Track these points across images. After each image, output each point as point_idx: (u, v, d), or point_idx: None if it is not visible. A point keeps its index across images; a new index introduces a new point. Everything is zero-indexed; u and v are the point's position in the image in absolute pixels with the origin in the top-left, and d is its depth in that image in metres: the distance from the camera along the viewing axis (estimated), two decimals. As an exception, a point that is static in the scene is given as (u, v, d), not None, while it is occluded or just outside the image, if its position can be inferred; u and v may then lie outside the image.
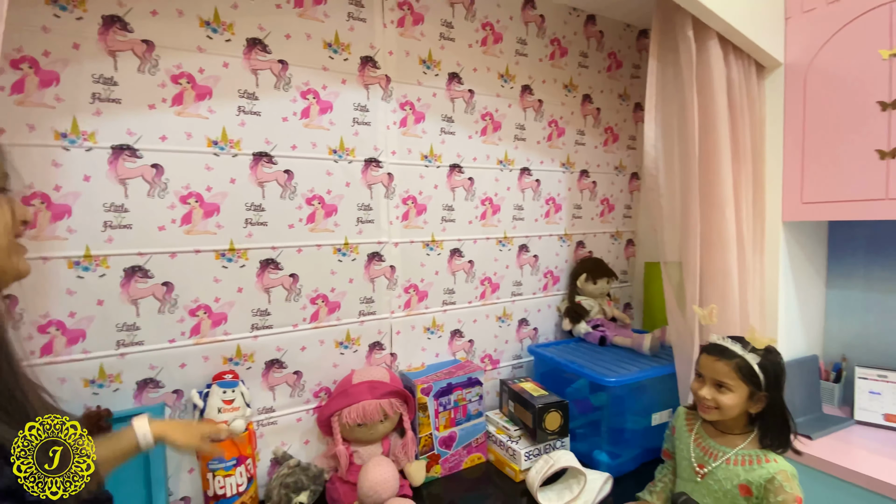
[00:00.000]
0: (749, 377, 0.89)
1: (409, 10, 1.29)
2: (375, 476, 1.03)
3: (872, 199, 1.17)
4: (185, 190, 1.04)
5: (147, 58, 0.99)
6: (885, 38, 1.13)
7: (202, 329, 1.08)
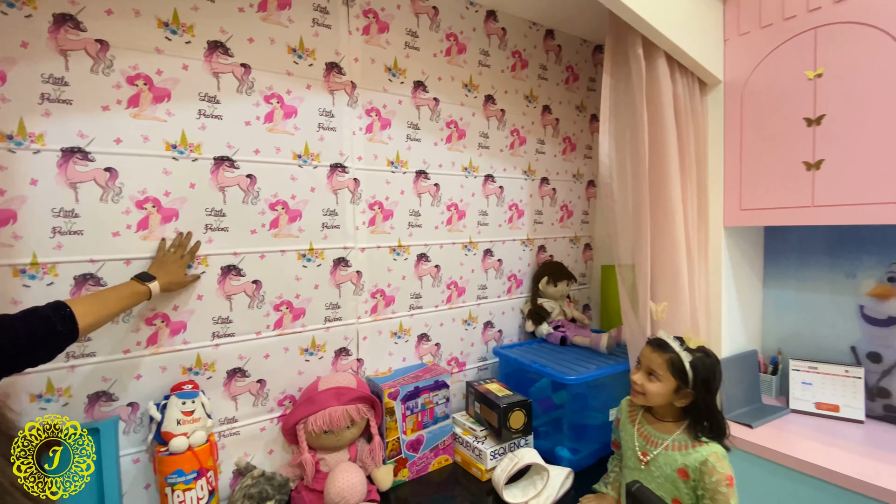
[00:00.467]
0: (678, 372, 0.96)
1: (374, 19, 1.30)
2: (342, 482, 1.03)
3: (800, 206, 1.29)
4: (141, 195, 1.01)
5: (101, 58, 0.96)
6: (810, 60, 1.26)
7: (160, 339, 1.04)
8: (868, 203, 1.17)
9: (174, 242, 1.03)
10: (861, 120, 1.17)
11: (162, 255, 1.01)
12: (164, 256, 1.01)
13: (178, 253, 1.02)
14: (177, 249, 1.02)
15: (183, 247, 1.04)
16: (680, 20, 1.27)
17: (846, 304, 1.45)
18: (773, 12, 1.33)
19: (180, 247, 1.03)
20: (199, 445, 1.01)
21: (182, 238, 1.04)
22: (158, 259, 1.01)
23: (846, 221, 1.21)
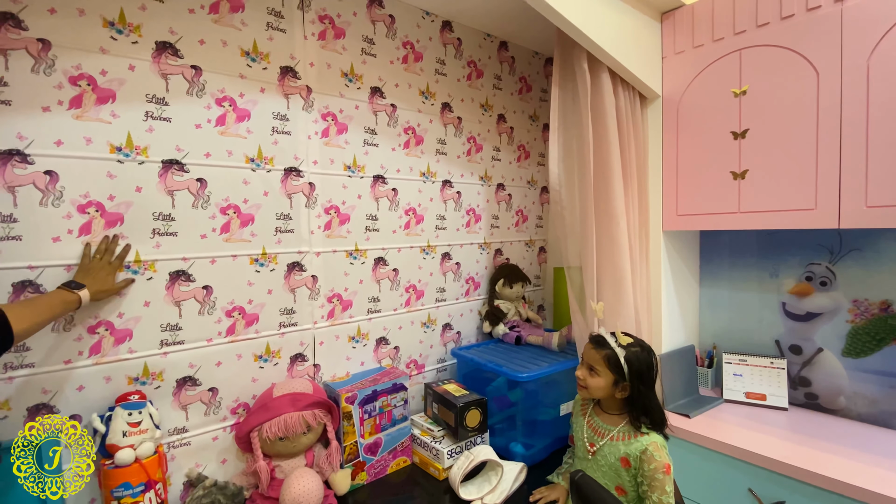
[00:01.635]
0: (615, 367, 1.04)
1: (330, 24, 1.32)
2: (298, 488, 1.03)
3: (729, 212, 1.41)
4: (83, 199, 0.97)
5: (42, 57, 0.92)
6: (736, 79, 1.38)
7: (103, 347, 1.01)
8: (786, 210, 1.29)
9: (100, 248, 0.98)
10: (780, 134, 1.29)
11: (87, 262, 0.96)
12: (89, 263, 0.96)
13: (105, 259, 0.97)
14: (103, 255, 0.97)
15: (110, 252, 0.99)
16: (621, 38, 1.36)
17: (771, 302, 1.59)
18: (704, 33, 1.44)
19: (107, 252, 0.98)
20: (147, 457, 0.98)
21: (108, 242, 0.99)
22: (84, 266, 0.95)
23: (767, 226, 1.33)
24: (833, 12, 1.19)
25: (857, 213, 1.17)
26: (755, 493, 1.23)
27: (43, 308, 0.82)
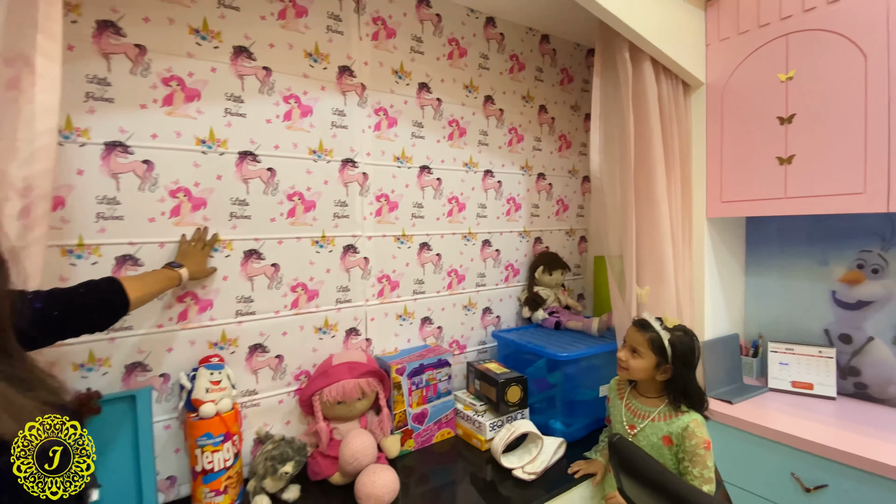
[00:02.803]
0: (658, 349, 1.07)
1: (382, 26, 1.42)
2: (356, 445, 1.14)
3: (775, 198, 1.41)
4: (174, 185, 1.12)
5: (139, 61, 1.07)
6: (782, 64, 1.37)
7: (189, 315, 1.15)
8: (834, 194, 1.28)
9: (194, 236, 1.13)
10: (827, 118, 1.28)
11: (185, 248, 1.11)
12: (186, 248, 1.11)
13: (198, 245, 1.12)
14: (196, 242, 1.12)
15: (202, 240, 1.13)
16: (664, 27, 1.38)
17: (820, 290, 1.56)
18: (749, 20, 1.44)
19: (199, 240, 1.13)
20: (226, 412, 1.11)
21: (201, 232, 1.14)
22: (182, 251, 1.11)
23: (815, 211, 1.32)
24: (885, -7, 1.17)
25: (909, 196, 1.15)
26: (798, 477, 1.23)
27: (152, 281, 0.96)
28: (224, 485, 1.10)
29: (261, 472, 1.13)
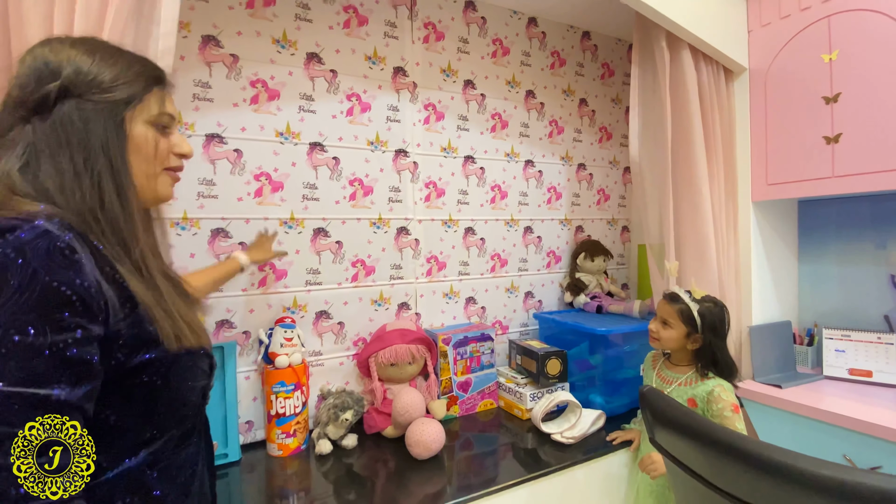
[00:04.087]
0: (688, 320, 1.11)
1: (432, 30, 1.58)
2: (407, 399, 1.27)
3: (822, 177, 1.40)
4: (258, 170, 1.32)
5: (233, 67, 1.29)
6: (825, 45, 1.37)
7: (268, 282, 1.35)
8: (885, 171, 1.26)
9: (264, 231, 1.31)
10: (873, 96, 1.27)
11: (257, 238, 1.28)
12: (257, 238, 1.28)
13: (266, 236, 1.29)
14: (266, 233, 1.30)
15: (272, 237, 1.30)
16: (705, 16, 1.43)
17: (878, 275, 1.51)
18: (790, 4, 1.46)
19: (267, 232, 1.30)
20: (297, 364, 1.28)
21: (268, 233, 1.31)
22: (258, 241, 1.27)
23: (865, 189, 1.30)
24: (933, -35, 1.17)
25: (966, 167, 1.12)
26: (850, 459, 1.21)
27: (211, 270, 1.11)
28: (293, 428, 1.27)
29: (324, 419, 1.29)
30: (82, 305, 0.48)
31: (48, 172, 0.53)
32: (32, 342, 0.45)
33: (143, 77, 0.60)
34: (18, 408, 0.44)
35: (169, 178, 0.65)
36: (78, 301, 0.47)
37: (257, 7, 1.32)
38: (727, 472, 0.78)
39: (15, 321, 0.44)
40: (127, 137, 0.58)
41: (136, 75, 0.59)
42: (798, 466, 0.67)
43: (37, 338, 0.45)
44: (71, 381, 0.47)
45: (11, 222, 0.47)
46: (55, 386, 0.46)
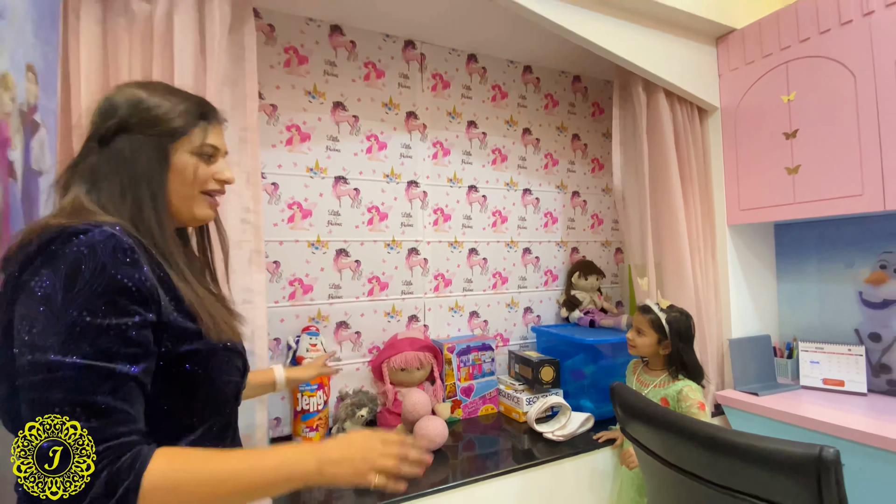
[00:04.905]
0: (658, 328, 1.28)
1: (439, 79, 1.83)
2: (415, 399, 1.45)
3: (786, 203, 1.57)
4: (291, 200, 1.56)
5: (272, 115, 1.55)
6: (784, 87, 1.57)
7: (296, 295, 1.56)
8: (837, 197, 1.43)
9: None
10: (826, 132, 1.46)
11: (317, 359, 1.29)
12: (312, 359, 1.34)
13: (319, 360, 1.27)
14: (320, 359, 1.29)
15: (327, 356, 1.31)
16: (678, 64, 1.65)
17: (848, 292, 1.65)
18: (754, 51, 1.66)
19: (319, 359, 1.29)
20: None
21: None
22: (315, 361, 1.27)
23: (821, 214, 1.47)
24: (863, 24, 1.37)
25: (901, 195, 1.29)
26: (816, 458, 1.33)
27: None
28: (316, 423, 1.46)
29: (342, 416, 1.47)
30: (139, 295, 0.56)
31: (105, 194, 0.63)
32: (100, 323, 0.52)
33: (189, 114, 0.68)
34: (92, 378, 0.51)
35: (206, 201, 0.71)
36: (136, 291, 0.55)
37: (293, 65, 1.58)
38: (677, 449, 0.95)
39: (88, 305, 0.52)
40: (169, 166, 0.66)
41: (183, 112, 0.68)
42: (721, 437, 0.84)
43: (104, 319, 0.52)
44: (131, 358, 0.54)
45: (84, 226, 0.55)
46: (119, 361, 0.53)
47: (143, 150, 0.65)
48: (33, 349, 0.50)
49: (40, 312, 0.51)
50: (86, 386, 0.50)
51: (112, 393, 0.52)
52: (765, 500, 0.80)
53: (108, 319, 0.53)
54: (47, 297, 0.52)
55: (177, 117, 0.67)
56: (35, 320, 0.51)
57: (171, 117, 0.67)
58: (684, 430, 0.92)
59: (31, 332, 0.51)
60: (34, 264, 0.54)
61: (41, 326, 0.51)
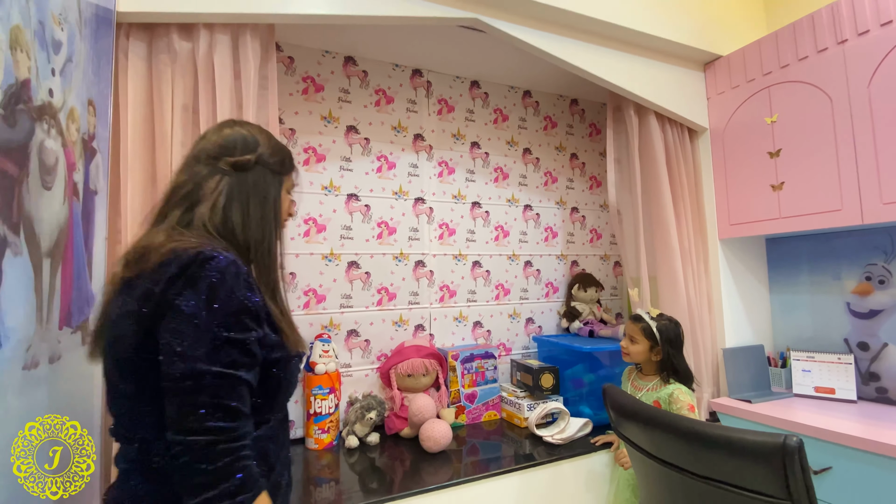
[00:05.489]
0: (649, 335, 1.36)
1: (444, 104, 1.96)
2: (421, 403, 1.54)
3: (772, 218, 1.66)
4: (307, 215, 1.68)
5: (291, 137, 1.68)
6: (767, 110, 1.68)
7: (310, 305, 1.67)
8: (818, 212, 1.52)
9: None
10: (807, 151, 1.55)
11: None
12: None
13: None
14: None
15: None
16: (668, 90, 1.77)
17: (836, 303, 1.72)
18: (739, 76, 1.78)
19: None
20: (332, 371, 1.58)
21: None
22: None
23: (804, 228, 1.56)
24: (838, 52, 1.48)
25: (875, 209, 1.38)
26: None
27: None
28: (327, 426, 1.55)
29: (352, 419, 1.56)
30: (255, 314, 0.66)
31: (236, 214, 0.73)
32: (233, 337, 0.62)
33: (291, 162, 0.87)
34: (227, 385, 0.61)
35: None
36: (253, 311, 0.66)
37: (310, 93, 1.73)
38: (663, 444, 1.03)
39: (223, 322, 0.62)
40: (280, 197, 0.82)
41: (289, 160, 0.86)
42: (699, 429, 0.92)
43: (234, 334, 0.63)
44: (249, 367, 0.65)
45: (211, 252, 0.64)
46: (241, 369, 0.63)
47: (272, 183, 0.79)
48: (184, 359, 0.60)
49: (189, 328, 0.60)
50: (223, 391, 0.60)
51: (239, 398, 0.62)
52: (741, 487, 0.88)
53: (237, 334, 0.63)
54: (193, 315, 0.61)
55: (287, 163, 0.84)
56: (185, 335, 0.60)
57: (289, 160, 0.85)
58: (668, 426, 1.00)
59: (183, 344, 0.60)
60: (177, 285, 0.62)
61: (190, 340, 0.60)
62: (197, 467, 0.57)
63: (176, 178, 0.77)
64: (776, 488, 0.82)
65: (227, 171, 0.75)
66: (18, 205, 0.65)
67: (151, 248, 0.65)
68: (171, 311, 0.62)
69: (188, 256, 0.63)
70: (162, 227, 0.70)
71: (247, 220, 0.74)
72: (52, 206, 0.75)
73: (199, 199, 0.72)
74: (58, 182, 0.78)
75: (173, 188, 0.75)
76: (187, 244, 0.65)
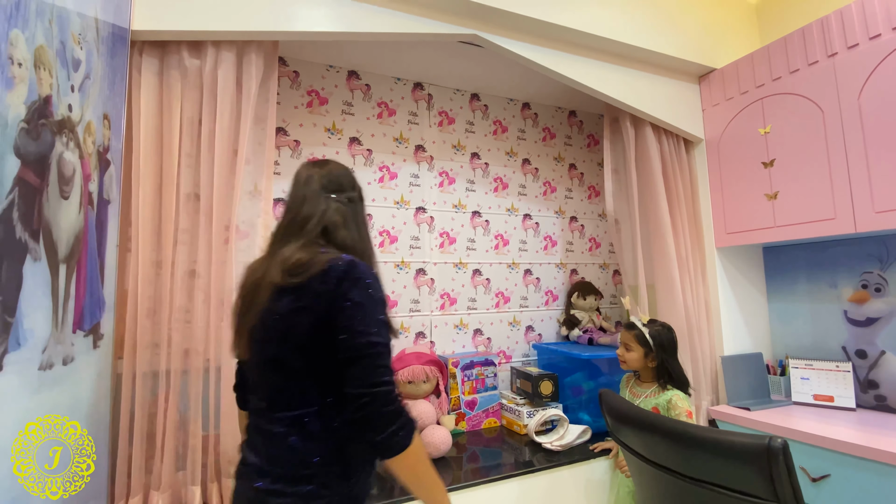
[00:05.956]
0: (643, 342, 1.38)
1: (445, 116, 2.01)
2: (421, 409, 1.56)
3: (767, 227, 1.68)
4: (310, 225, 1.72)
5: (296, 149, 1.73)
6: (761, 121, 1.71)
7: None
8: (812, 221, 1.55)
9: None
10: (800, 161, 1.58)
11: None
12: None
13: None
14: None
15: None
16: (664, 101, 1.81)
17: (834, 311, 1.74)
18: (733, 89, 1.82)
19: None
20: (333, 378, 1.60)
21: None
22: None
23: (798, 236, 1.58)
24: (828, 65, 1.51)
25: (868, 218, 1.40)
26: (805, 469, 1.39)
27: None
28: (329, 431, 1.57)
29: (354, 424, 1.58)
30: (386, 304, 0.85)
31: (345, 234, 0.90)
32: (386, 319, 0.83)
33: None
34: (389, 353, 0.80)
35: None
36: (385, 301, 0.85)
37: (314, 106, 1.78)
38: (656, 447, 1.04)
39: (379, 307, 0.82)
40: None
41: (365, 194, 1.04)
42: (689, 432, 0.94)
43: (384, 316, 0.82)
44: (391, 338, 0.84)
45: (357, 261, 0.83)
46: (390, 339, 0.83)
47: (363, 212, 1.00)
48: (364, 335, 0.77)
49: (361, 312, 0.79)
50: (388, 357, 0.80)
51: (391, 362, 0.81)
52: (731, 489, 0.89)
53: (385, 317, 0.83)
54: (362, 303, 0.79)
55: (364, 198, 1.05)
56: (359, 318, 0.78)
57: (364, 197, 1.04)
58: (661, 429, 1.01)
59: (362, 324, 0.78)
60: (344, 284, 0.79)
61: (366, 321, 0.78)
62: (383, 409, 0.76)
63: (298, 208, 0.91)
64: (763, 490, 0.84)
65: (343, 202, 0.94)
66: (39, 213, 0.69)
67: (312, 262, 0.81)
68: (345, 302, 0.79)
69: (345, 264, 0.81)
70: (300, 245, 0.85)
71: (356, 238, 0.93)
72: (69, 214, 0.80)
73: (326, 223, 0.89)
74: (74, 192, 0.82)
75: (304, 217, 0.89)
76: (335, 256, 0.83)
